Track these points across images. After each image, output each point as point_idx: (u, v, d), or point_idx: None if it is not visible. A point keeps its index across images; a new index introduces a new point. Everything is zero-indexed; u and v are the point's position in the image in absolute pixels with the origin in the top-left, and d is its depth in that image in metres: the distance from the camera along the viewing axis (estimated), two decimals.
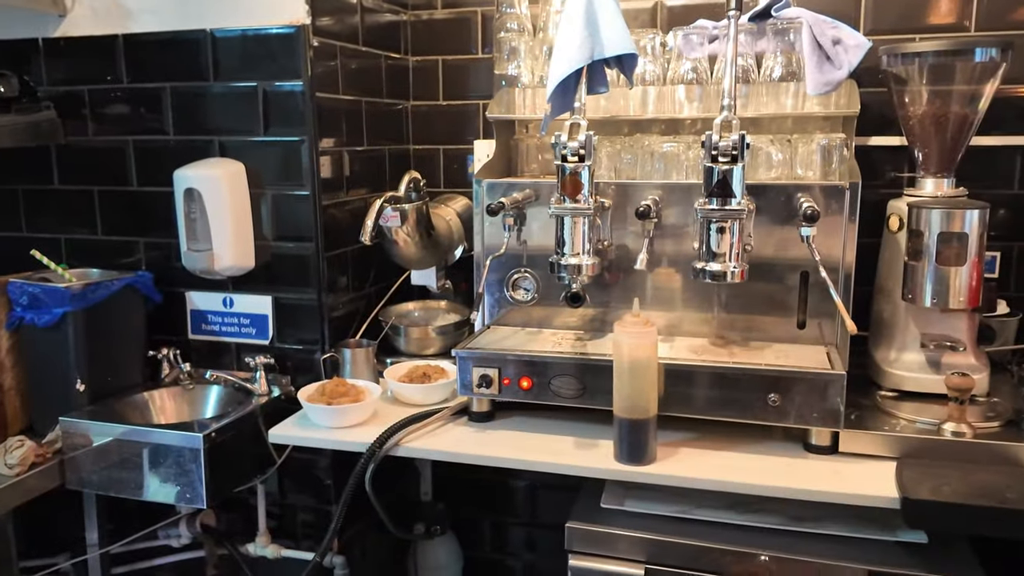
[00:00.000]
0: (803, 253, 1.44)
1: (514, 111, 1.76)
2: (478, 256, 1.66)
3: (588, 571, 1.39)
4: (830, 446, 1.39)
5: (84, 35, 1.79)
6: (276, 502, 1.83)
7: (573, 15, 1.44)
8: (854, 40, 1.56)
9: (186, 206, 1.67)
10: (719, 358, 1.44)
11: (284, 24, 1.65)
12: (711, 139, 1.34)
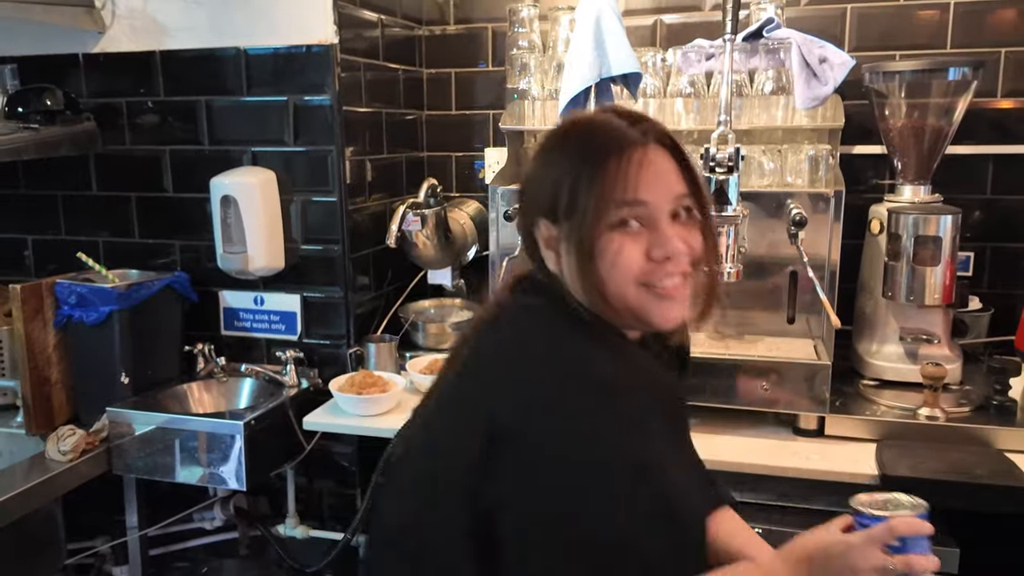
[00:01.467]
0: (792, 254, 1.58)
1: (524, 122, 1.89)
2: (493, 257, 1.79)
3: None
4: (817, 429, 1.53)
5: (123, 51, 1.91)
6: (303, 487, 1.96)
7: (583, 37, 1.58)
8: (839, 58, 1.69)
9: (222, 211, 1.80)
10: (716, 351, 1.57)
11: (314, 43, 1.78)
12: (708, 151, 1.48)
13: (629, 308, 0.86)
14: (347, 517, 1.95)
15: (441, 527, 0.82)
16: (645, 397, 0.88)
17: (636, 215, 0.84)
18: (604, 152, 0.85)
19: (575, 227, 0.84)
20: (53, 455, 1.64)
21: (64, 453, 1.64)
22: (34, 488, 1.55)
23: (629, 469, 0.80)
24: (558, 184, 0.86)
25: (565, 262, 0.87)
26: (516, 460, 0.78)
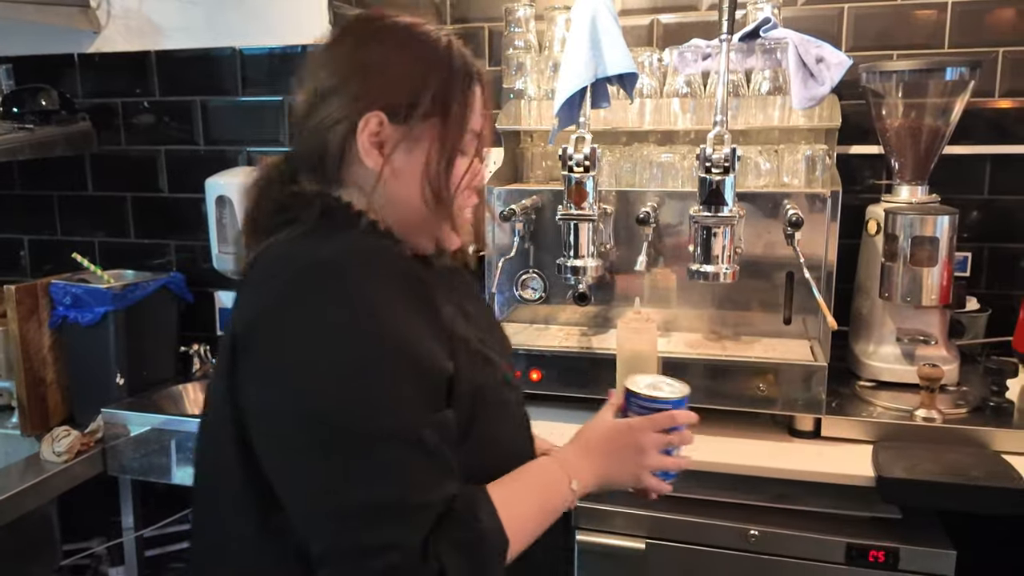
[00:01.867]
0: (789, 255, 1.57)
1: (520, 122, 1.89)
2: (489, 258, 1.79)
3: (594, 545, 1.52)
4: (813, 431, 1.53)
5: (118, 51, 1.91)
6: None
7: (578, 36, 1.57)
8: (836, 58, 1.69)
9: (218, 212, 1.79)
10: (713, 351, 1.57)
11: (309, 42, 1.77)
12: (705, 152, 1.47)
13: (445, 220, 0.89)
14: None
15: (218, 439, 0.87)
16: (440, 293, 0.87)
17: (476, 144, 0.91)
18: (472, 76, 0.89)
19: (442, 132, 0.86)
20: (48, 456, 1.64)
21: (59, 454, 1.64)
22: (29, 489, 1.55)
23: (378, 355, 0.78)
24: (422, 81, 0.86)
25: (401, 162, 0.86)
26: (249, 364, 0.82)
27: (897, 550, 1.39)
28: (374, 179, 0.87)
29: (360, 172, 0.88)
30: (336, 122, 0.86)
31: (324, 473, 0.76)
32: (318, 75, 0.87)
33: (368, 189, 0.87)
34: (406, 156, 0.87)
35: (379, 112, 0.85)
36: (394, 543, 0.74)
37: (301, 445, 0.77)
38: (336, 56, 0.88)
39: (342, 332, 0.77)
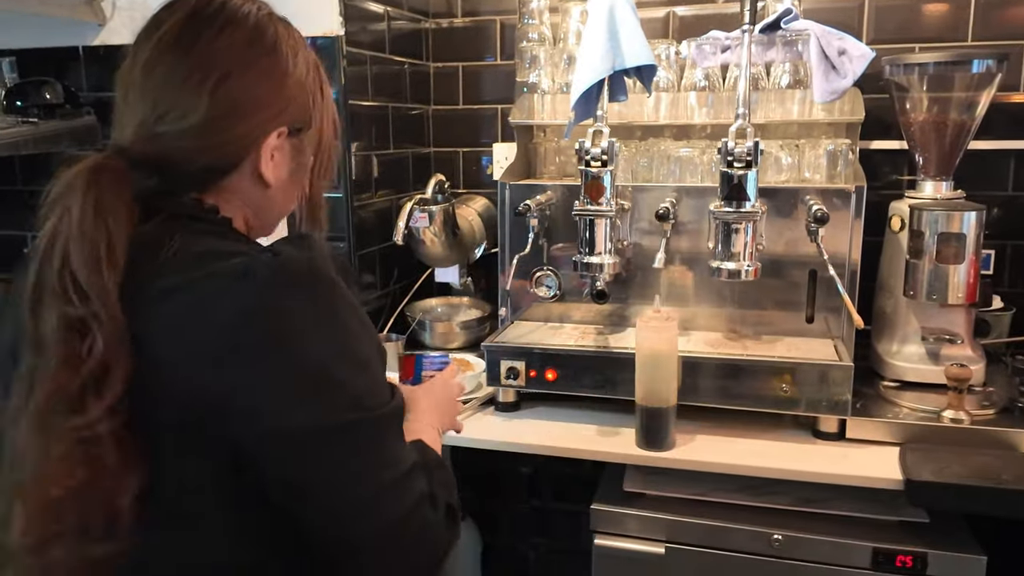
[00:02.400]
0: (811, 252, 1.53)
1: (533, 116, 1.85)
2: (503, 254, 1.75)
3: (612, 550, 1.49)
4: (837, 432, 1.49)
5: (123, 43, 1.86)
6: None
7: (596, 28, 1.53)
8: (858, 51, 1.65)
9: None
10: (734, 351, 1.53)
11: (319, 35, 1.73)
12: (727, 145, 1.43)
13: (318, 220, 0.97)
14: None
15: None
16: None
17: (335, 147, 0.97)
18: (323, 76, 0.94)
19: (318, 141, 0.91)
20: None
21: None
22: None
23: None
24: (310, 95, 0.88)
25: (300, 164, 0.89)
26: (240, 371, 0.76)
27: (925, 555, 1.36)
28: (256, 187, 0.87)
29: (241, 183, 0.86)
30: (255, 137, 0.84)
31: (362, 457, 0.77)
32: (223, 82, 0.81)
33: (246, 196, 0.87)
34: (287, 167, 0.88)
35: (284, 128, 0.86)
36: (419, 501, 0.80)
37: (326, 437, 0.76)
38: (244, 64, 0.83)
39: (339, 326, 0.78)
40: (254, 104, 0.83)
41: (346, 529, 0.77)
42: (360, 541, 0.78)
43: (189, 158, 0.82)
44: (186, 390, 0.74)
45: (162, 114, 0.81)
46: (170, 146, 0.81)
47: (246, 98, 0.83)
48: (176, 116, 0.80)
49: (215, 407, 0.74)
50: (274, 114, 0.85)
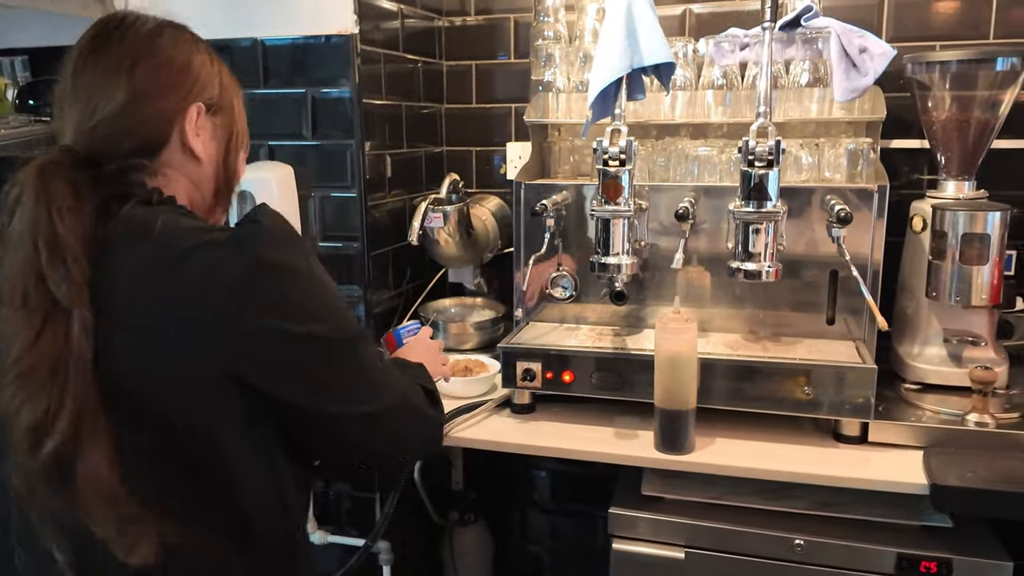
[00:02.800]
0: (831, 252, 1.51)
1: (548, 115, 1.83)
2: (517, 255, 1.73)
3: (631, 554, 1.47)
4: (859, 436, 1.47)
5: None
6: (319, 490, 1.91)
7: (614, 26, 1.51)
8: (879, 48, 1.62)
9: (239, 207, 1.74)
10: (754, 353, 1.51)
11: (333, 33, 1.72)
12: (747, 144, 1.41)
13: (228, 200, 1.09)
14: (364, 522, 1.89)
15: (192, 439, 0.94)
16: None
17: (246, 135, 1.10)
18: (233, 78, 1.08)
19: (236, 122, 1.06)
20: None
21: None
22: None
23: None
24: (216, 80, 1.02)
25: (218, 143, 1.02)
26: (248, 327, 0.90)
27: (950, 561, 1.33)
28: (190, 162, 0.99)
29: (176, 159, 0.98)
30: (171, 115, 0.97)
31: (377, 370, 1.03)
32: (131, 76, 0.94)
33: (186, 172, 0.99)
34: (213, 143, 1.01)
35: (200, 104, 0.99)
36: (408, 385, 1.13)
37: (338, 362, 0.96)
38: (149, 58, 0.96)
39: (314, 276, 0.93)
40: (165, 83, 0.96)
41: (364, 405, 1.00)
42: (373, 416, 1.01)
43: (120, 141, 0.94)
44: (199, 353, 0.86)
45: (92, 110, 0.93)
46: (103, 134, 0.93)
47: (157, 79, 0.95)
48: (103, 107, 0.92)
49: (240, 357, 0.88)
50: (185, 92, 0.97)
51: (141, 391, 0.86)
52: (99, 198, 0.89)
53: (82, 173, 0.90)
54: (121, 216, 0.88)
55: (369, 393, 1.01)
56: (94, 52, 0.95)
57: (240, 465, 0.91)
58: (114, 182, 0.92)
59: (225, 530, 0.92)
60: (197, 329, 0.86)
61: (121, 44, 0.95)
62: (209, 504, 0.91)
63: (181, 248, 0.86)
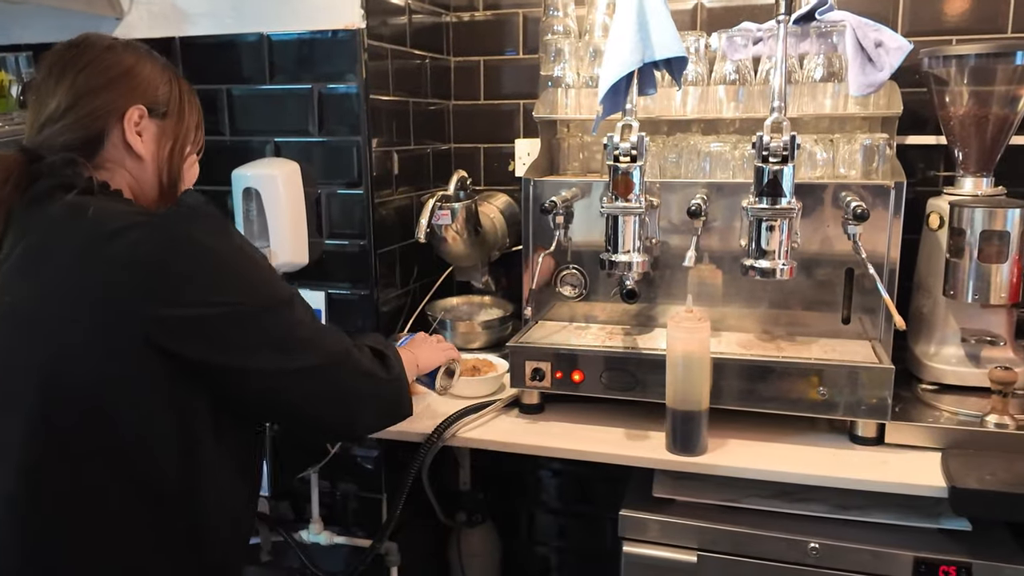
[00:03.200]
0: (846, 250, 1.49)
1: (557, 111, 1.81)
2: (526, 252, 1.70)
3: (643, 557, 1.44)
4: (876, 437, 1.44)
5: (141, 37, 1.81)
6: (325, 491, 1.89)
7: (625, 19, 1.48)
8: (895, 43, 1.59)
9: (244, 205, 1.72)
10: (768, 353, 1.48)
11: (340, 28, 1.70)
12: (761, 140, 1.39)
13: (175, 195, 1.15)
14: (369, 523, 1.87)
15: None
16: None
17: (198, 137, 1.20)
18: (190, 87, 1.18)
19: (184, 130, 1.14)
20: None
21: None
22: None
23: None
24: (168, 87, 1.12)
25: (163, 145, 1.11)
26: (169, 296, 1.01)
27: (969, 565, 1.31)
28: (130, 159, 1.08)
29: (116, 155, 1.08)
30: (106, 113, 1.06)
31: (308, 329, 1.08)
32: (75, 80, 1.05)
33: (127, 167, 1.09)
34: (156, 144, 1.11)
35: (141, 106, 1.08)
36: (347, 344, 1.15)
37: (263, 326, 1.03)
38: (93, 65, 1.07)
39: (235, 250, 1.02)
40: (103, 85, 1.06)
41: (293, 362, 1.05)
42: (304, 371, 1.06)
43: (59, 135, 1.05)
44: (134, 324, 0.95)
45: (40, 111, 1.06)
46: (47, 131, 1.05)
47: (97, 82, 1.06)
48: (48, 107, 1.05)
49: (166, 328, 0.96)
50: (124, 93, 1.07)
51: (68, 362, 0.95)
52: (44, 187, 1.01)
53: (23, 165, 1.02)
54: (65, 201, 0.99)
55: (298, 352, 1.05)
56: (51, 71, 1.08)
57: (154, 429, 0.99)
58: (57, 173, 1.02)
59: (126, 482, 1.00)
60: (121, 302, 0.95)
61: (73, 57, 1.07)
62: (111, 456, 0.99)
63: (109, 228, 0.96)
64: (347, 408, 1.14)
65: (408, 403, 1.25)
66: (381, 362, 1.19)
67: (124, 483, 0.99)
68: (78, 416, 0.96)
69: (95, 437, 0.97)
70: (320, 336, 1.10)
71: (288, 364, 1.04)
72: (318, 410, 1.11)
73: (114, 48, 1.10)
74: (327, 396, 1.11)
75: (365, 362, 1.16)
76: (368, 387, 1.16)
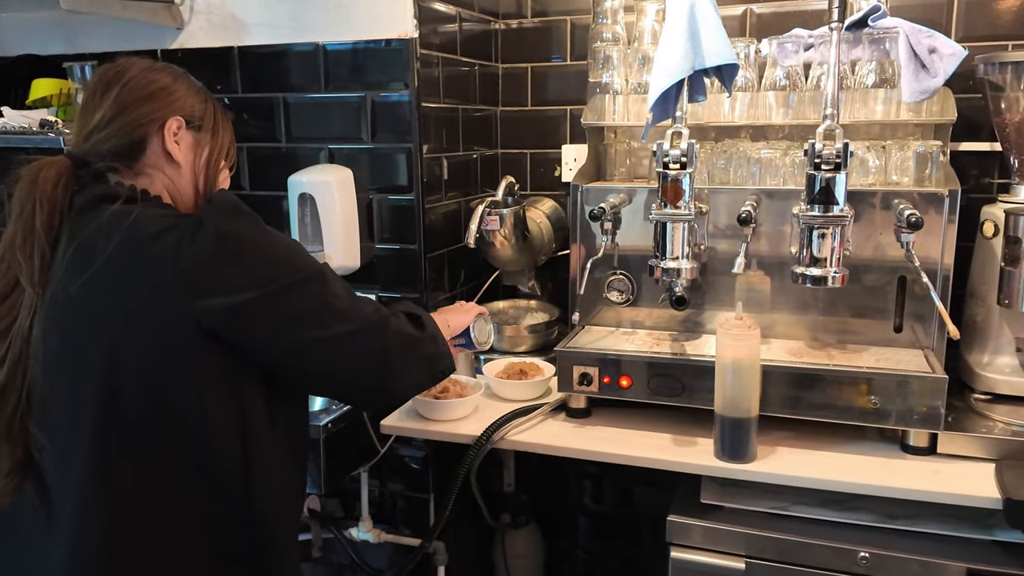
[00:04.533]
0: (898, 258, 1.48)
1: (605, 117, 1.82)
2: (574, 258, 1.72)
3: (690, 563, 1.45)
4: (928, 447, 1.43)
5: (200, 47, 1.89)
6: (374, 489, 1.93)
7: (675, 27, 1.49)
8: (949, 49, 1.58)
9: (300, 210, 1.77)
10: (819, 360, 1.48)
11: (393, 37, 1.73)
12: (814, 147, 1.38)
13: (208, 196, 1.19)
14: (418, 522, 1.91)
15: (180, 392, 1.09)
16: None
17: (230, 151, 1.27)
18: (222, 106, 1.26)
19: (219, 144, 1.22)
20: None
21: None
22: None
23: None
24: (203, 106, 1.20)
25: (199, 154, 1.18)
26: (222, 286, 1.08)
27: None
28: (169, 165, 1.16)
29: (156, 161, 1.15)
30: (147, 122, 1.13)
31: (343, 299, 1.13)
32: (119, 94, 1.13)
33: (166, 173, 1.16)
34: (192, 153, 1.18)
35: (179, 118, 1.16)
36: (381, 309, 1.20)
37: (300, 298, 1.08)
38: (135, 81, 1.15)
39: (264, 235, 1.09)
40: (145, 99, 1.14)
41: (335, 328, 1.11)
42: (346, 336, 1.12)
43: (104, 143, 1.12)
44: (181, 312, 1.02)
45: (86, 123, 1.14)
46: (94, 139, 1.13)
47: (139, 95, 1.14)
48: (95, 120, 1.13)
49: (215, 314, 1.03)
50: (164, 106, 1.15)
51: (126, 353, 1.02)
52: (92, 196, 1.08)
53: (71, 170, 1.10)
54: (111, 209, 1.06)
55: (336, 320, 1.11)
56: (98, 82, 1.16)
57: (210, 412, 1.05)
58: (102, 184, 1.11)
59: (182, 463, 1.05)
60: (168, 298, 1.02)
61: (117, 74, 1.16)
62: (168, 442, 1.05)
63: (151, 231, 1.04)
64: (391, 370, 1.18)
65: (449, 358, 1.30)
66: (416, 323, 1.25)
67: (187, 468, 1.05)
68: (141, 404, 1.03)
69: (158, 423, 1.03)
70: (356, 304, 1.15)
71: (327, 332, 1.10)
72: (363, 374, 1.17)
73: (153, 68, 1.18)
74: (370, 360, 1.15)
75: (402, 324, 1.21)
76: (409, 347, 1.21)
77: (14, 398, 1.06)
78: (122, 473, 1.03)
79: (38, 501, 1.07)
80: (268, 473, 1.10)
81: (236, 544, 1.09)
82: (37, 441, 1.06)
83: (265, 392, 1.10)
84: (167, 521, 1.05)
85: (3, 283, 1.08)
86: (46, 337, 1.05)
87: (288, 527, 1.20)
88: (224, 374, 1.05)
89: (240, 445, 1.07)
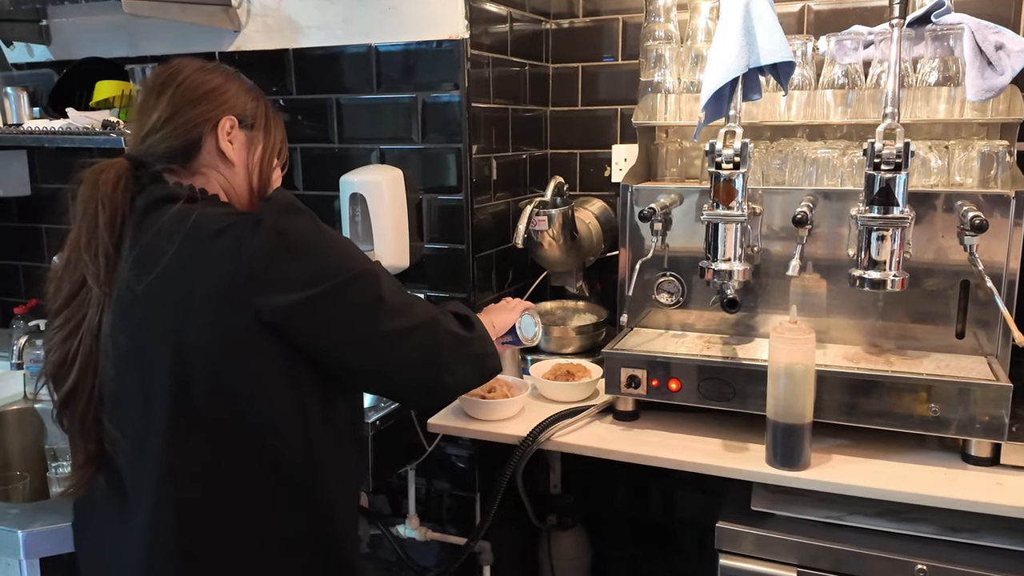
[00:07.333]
0: (960, 261, 1.43)
1: (657, 117, 1.80)
2: (623, 259, 1.70)
3: (739, 571, 1.42)
4: (991, 458, 1.38)
5: (256, 49, 1.93)
6: (421, 487, 1.94)
7: (730, 24, 1.47)
8: (1018, 45, 1.52)
9: (351, 209, 1.79)
10: (877, 366, 1.44)
11: (444, 38, 1.74)
12: (873, 146, 1.35)
13: (263, 194, 1.22)
14: (463, 521, 1.91)
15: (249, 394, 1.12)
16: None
17: (282, 150, 1.29)
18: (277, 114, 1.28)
19: (272, 142, 1.24)
20: None
21: None
22: None
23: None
24: (254, 105, 1.22)
25: (252, 153, 1.21)
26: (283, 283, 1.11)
27: None
28: (223, 164, 1.18)
29: (211, 160, 1.17)
30: (202, 122, 1.16)
31: (395, 297, 1.15)
32: (172, 96, 1.16)
33: (221, 172, 1.18)
34: (246, 151, 1.20)
35: (232, 117, 1.18)
36: (433, 310, 1.22)
37: (356, 295, 1.10)
38: (188, 82, 1.17)
39: (321, 233, 1.11)
40: (199, 100, 1.16)
41: (388, 324, 1.13)
42: (400, 333, 1.14)
43: (160, 144, 1.15)
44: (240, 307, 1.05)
45: (143, 125, 1.16)
46: (150, 140, 1.15)
47: (193, 96, 1.16)
48: (151, 122, 1.15)
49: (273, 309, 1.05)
50: (216, 106, 1.17)
51: (192, 348, 1.05)
52: (153, 198, 1.11)
53: (129, 172, 1.13)
54: (172, 210, 1.09)
55: (388, 318, 1.12)
56: (151, 90, 1.19)
57: (273, 402, 1.08)
58: (160, 183, 1.15)
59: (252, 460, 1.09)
60: (230, 294, 1.04)
61: (170, 76, 1.18)
62: (239, 437, 1.08)
63: (212, 230, 1.06)
64: (441, 367, 1.20)
65: (497, 359, 1.32)
66: (464, 324, 1.27)
67: (252, 456, 1.08)
68: (209, 398, 1.06)
69: (225, 415, 1.06)
70: (408, 301, 1.17)
71: (380, 329, 1.12)
72: (414, 371, 1.18)
73: (205, 68, 1.20)
74: (421, 357, 1.17)
75: (452, 324, 1.23)
76: (459, 346, 1.23)
77: (86, 393, 1.10)
78: (192, 464, 1.06)
79: (112, 492, 1.11)
80: (329, 460, 1.13)
81: (301, 530, 1.12)
82: (110, 435, 1.10)
83: (322, 383, 1.12)
84: (235, 509, 1.08)
85: (71, 282, 1.12)
86: (114, 335, 1.08)
87: (349, 512, 1.23)
88: (284, 367, 1.08)
89: (302, 435, 1.10)
